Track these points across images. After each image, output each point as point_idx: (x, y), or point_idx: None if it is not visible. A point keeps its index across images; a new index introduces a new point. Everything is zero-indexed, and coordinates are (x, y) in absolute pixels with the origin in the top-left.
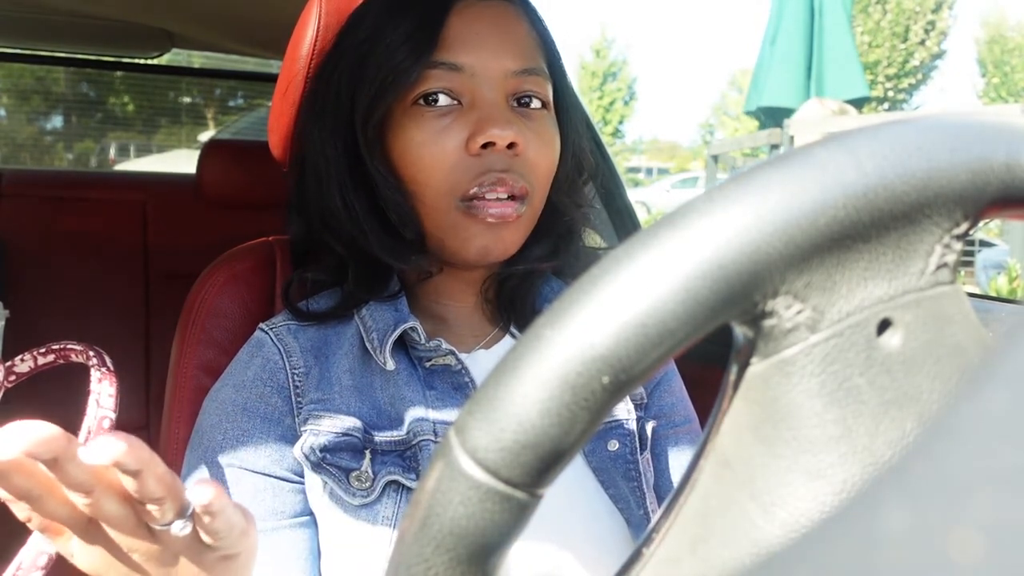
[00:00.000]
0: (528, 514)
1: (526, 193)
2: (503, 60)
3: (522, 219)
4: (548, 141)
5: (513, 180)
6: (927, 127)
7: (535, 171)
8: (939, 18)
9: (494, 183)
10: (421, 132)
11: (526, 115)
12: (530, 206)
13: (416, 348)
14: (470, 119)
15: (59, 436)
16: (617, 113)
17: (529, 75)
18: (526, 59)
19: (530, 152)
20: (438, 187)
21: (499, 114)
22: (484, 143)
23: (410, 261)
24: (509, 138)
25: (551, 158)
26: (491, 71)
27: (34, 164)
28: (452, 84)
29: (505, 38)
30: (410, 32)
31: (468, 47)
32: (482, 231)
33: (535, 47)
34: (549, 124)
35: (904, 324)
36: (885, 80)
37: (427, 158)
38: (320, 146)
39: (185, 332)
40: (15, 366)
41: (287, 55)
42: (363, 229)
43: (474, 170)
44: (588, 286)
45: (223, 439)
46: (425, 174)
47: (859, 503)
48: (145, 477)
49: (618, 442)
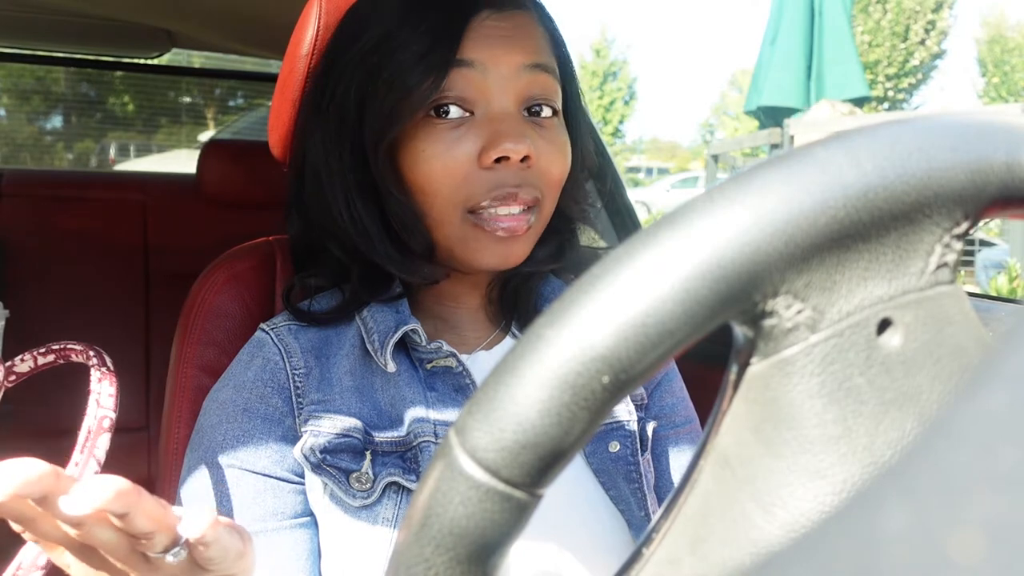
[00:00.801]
0: (528, 514)
1: (538, 203)
2: (515, 55)
3: (532, 231)
4: (560, 149)
5: (526, 193)
6: (927, 127)
7: (547, 180)
8: (939, 18)
9: (506, 198)
10: (432, 145)
11: (538, 124)
12: (540, 215)
13: (417, 350)
14: (483, 131)
15: (48, 474)
16: (617, 113)
17: (540, 72)
18: (537, 55)
19: (542, 162)
20: (448, 199)
21: (512, 127)
22: (498, 157)
23: (418, 273)
24: (523, 152)
25: (563, 166)
26: (503, 67)
27: (34, 164)
28: (465, 91)
29: (519, 36)
30: (424, 52)
31: (482, 46)
32: (492, 244)
33: (546, 46)
34: (561, 132)
35: (904, 324)
36: (885, 80)
37: (438, 170)
38: (324, 155)
39: (185, 332)
40: (15, 366)
41: (287, 55)
42: (369, 240)
43: (486, 184)
44: (588, 286)
45: (223, 439)
46: (435, 186)
47: (859, 503)
48: (132, 518)
49: (619, 443)
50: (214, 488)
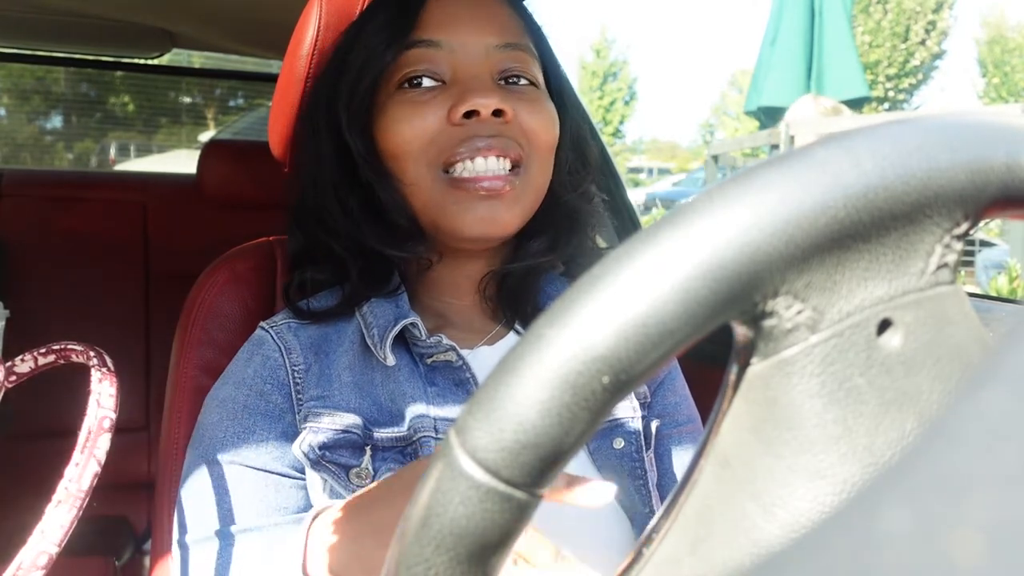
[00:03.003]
0: (528, 514)
1: (520, 159)
2: (483, 36)
3: (517, 193)
4: (542, 111)
5: (503, 145)
6: (927, 127)
7: (530, 139)
8: (939, 18)
9: (481, 148)
10: (401, 110)
11: (516, 89)
12: (527, 179)
13: (417, 344)
14: (452, 92)
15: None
16: (617, 113)
17: (513, 50)
18: (508, 34)
19: (523, 118)
20: (418, 159)
21: (481, 84)
22: (467, 111)
23: (406, 248)
24: (493, 105)
25: (550, 131)
26: (471, 46)
27: (34, 164)
28: (433, 64)
29: (484, 16)
30: (389, 20)
31: (446, 27)
32: (474, 204)
33: (517, 27)
34: (542, 98)
35: (904, 324)
36: (885, 80)
37: (407, 131)
38: (313, 144)
39: (185, 332)
40: (15, 366)
41: (287, 55)
42: (357, 223)
43: (456, 138)
44: (588, 286)
45: (224, 437)
46: (404, 148)
47: (859, 503)
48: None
49: (624, 440)
50: (215, 485)
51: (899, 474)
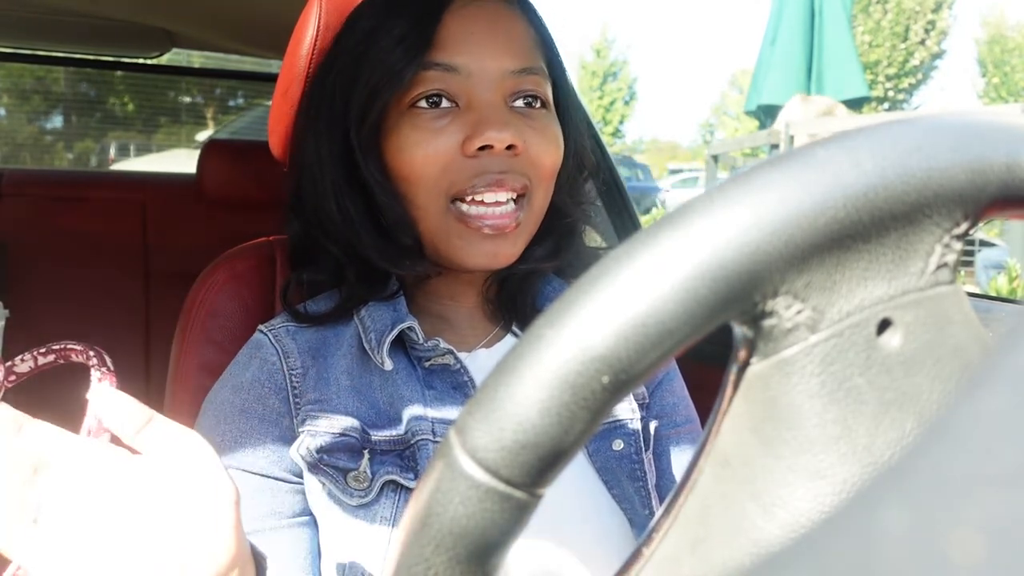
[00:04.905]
0: (528, 514)
1: (526, 191)
2: (500, 60)
3: (522, 227)
4: (551, 138)
5: (513, 180)
6: (927, 127)
7: (537, 168)
8: (939, 18)
9: (491, 184)
10: (416, 132)
11: (526, 114)
12: (530, 209)
13: (415, 348)
14: (467, 121)
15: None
16: (617, 113)
17: (528, 75)
18: (524, 58)
19: (531, 150)
20: (431, 187)
21: (496, 115)
22: (481, 146)
23: (406, 266)
24: (507, 140)
25: (555, 156)
26: (488, 72)
27: (34, 164)
28: (448, 86)
29: (502, 37)
30: (404, 33)
31: (464, 48)
32: (479, 241)
33: (533, 46)
34: (551, 123)
35: (904, 324)
36: (885, 80)
37: (419, 158)
38: (315, 148)
39: (185, 332)
40: (15, 366)
41: (287, 55)
42: (358, 233)
43: (470, 171)
44: (588, 286)
45: (221, 440)
46: (418, 173)
47: (859, 503)
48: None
49: (623, 441)
50: None
51: (899, 474)
